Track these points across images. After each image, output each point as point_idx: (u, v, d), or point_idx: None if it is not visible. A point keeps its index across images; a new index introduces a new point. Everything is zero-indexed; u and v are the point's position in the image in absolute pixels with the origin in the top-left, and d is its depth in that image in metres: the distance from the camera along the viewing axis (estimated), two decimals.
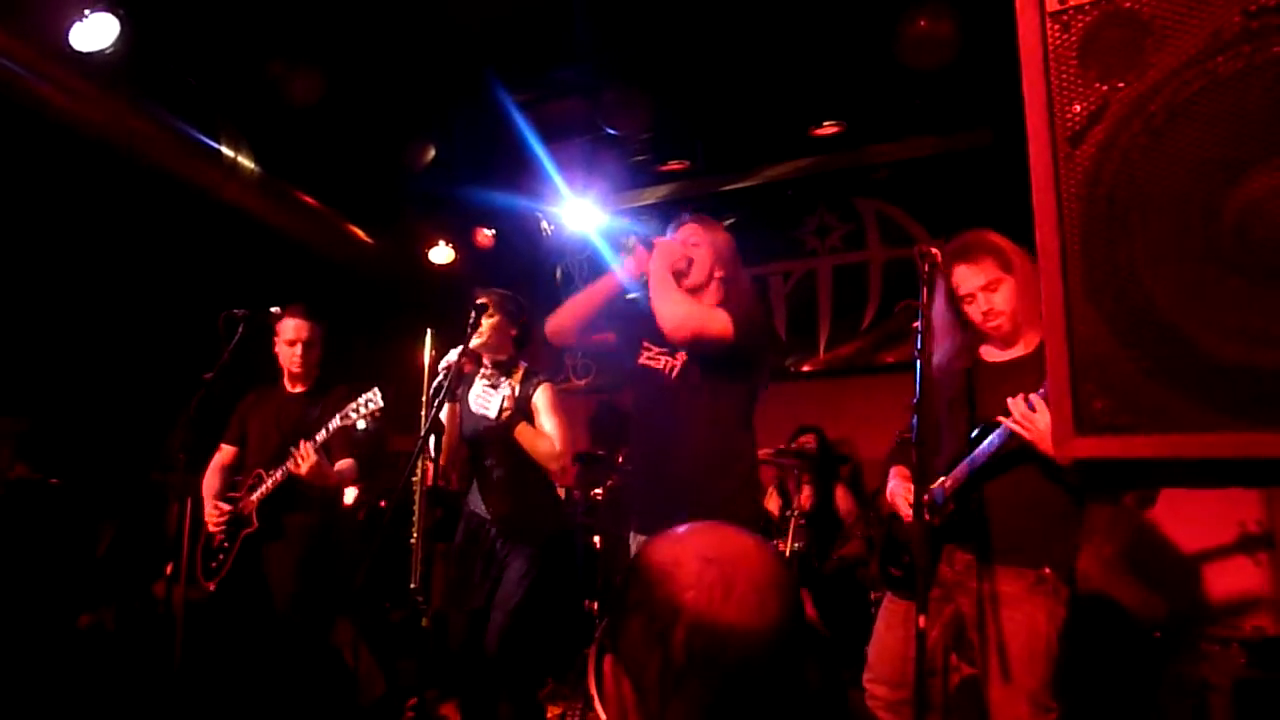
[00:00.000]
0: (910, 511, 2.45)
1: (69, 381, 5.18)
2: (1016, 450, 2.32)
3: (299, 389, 3.68)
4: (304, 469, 3.28)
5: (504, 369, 3.37)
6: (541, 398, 3.29)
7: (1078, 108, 1.02)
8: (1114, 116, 1.00)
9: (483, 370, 3.40)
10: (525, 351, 3.43)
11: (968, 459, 2.41)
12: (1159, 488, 2.30)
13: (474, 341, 3.19)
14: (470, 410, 3.37)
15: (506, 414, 3.21)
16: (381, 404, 3.28)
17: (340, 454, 3.52)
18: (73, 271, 5.10)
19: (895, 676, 2.48)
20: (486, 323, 3.25)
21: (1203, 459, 0.97)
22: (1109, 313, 1.00)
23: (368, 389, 3.32)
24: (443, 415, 3.25)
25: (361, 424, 3.34)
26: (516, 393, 3.29)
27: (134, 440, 5.42)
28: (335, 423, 3.33)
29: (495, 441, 3.28)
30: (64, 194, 4.68)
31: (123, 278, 5.30)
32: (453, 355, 3.11)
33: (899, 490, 2.61)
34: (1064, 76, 1.03)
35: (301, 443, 3.30)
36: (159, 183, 4.47)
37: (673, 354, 2.82)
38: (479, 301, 3.15)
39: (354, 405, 3.31)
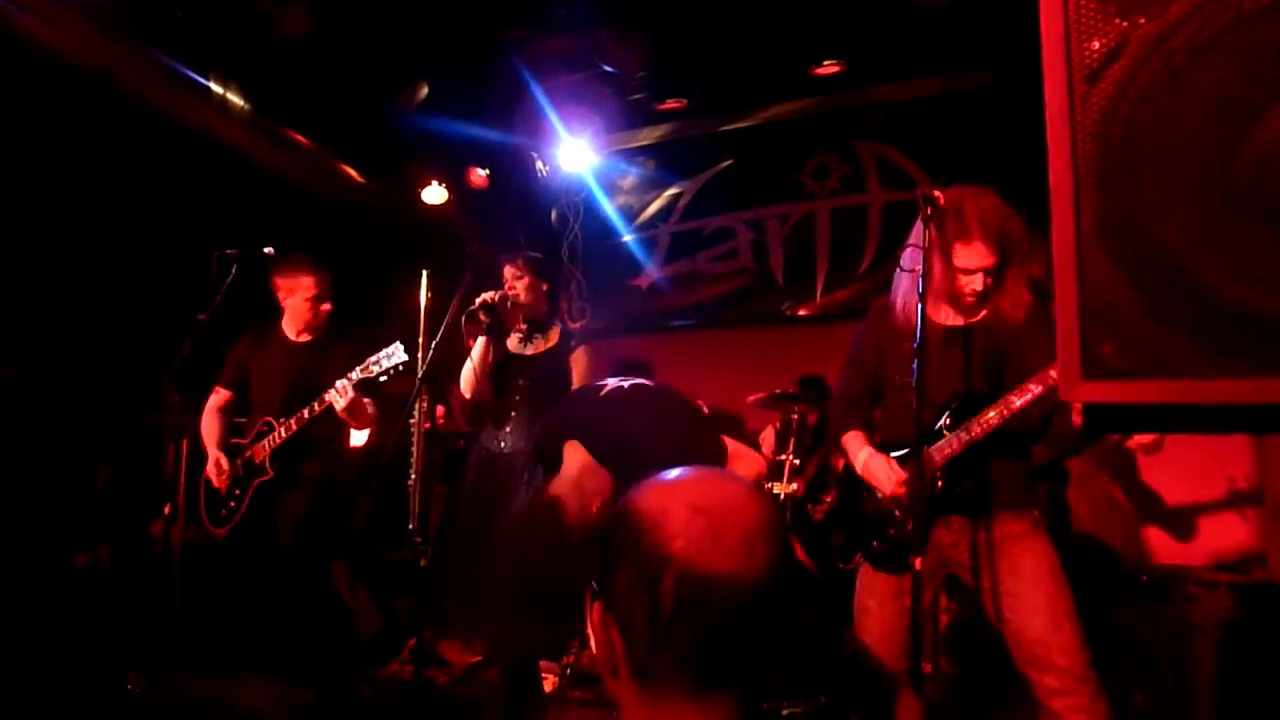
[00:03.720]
0: (890, 489, 2.49)
1: (57, 323, 5.14)
2: (1013, 422, 2.36)
3: (305, 338, 3.64)
4: (342, 404, 3.33)
5: (540, 324, 3.65)
6: (576, 362, 3.56)
7: (1096, 44, 0.98)
8: (1133, 54, 0.96)
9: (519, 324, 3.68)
10: (556, 306, 3.70)
11: (962, 434, 2.42)
12: (1163, 433, 2.30)
13: (522, 299, 3.56)
14: (506, 345, 3.65)
15: (541, 351, 3.57)
16: (406, 358, 3.32)
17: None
18: (58, 212, 5.02)
19: (898, 652, 2.49)
20: (519, 284, 3.56)
21: (1207, 405, 0.96)
22: (1120, 256, 0.98)
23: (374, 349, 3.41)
24: (477, 349, 3.56)
25: (383, 377, 3.37)
26: (553, 345, 3.60)
27: (125, 382, 5.40)
28: (357, 374, 3.35)
29: (528, 374, 3.53)
30: (48, 132, 4.57)
31: (110, 218, 5.22)
32: (488, 295, 3.40)
33: (876, 466, 2.55)
34: (1083, 11, 0.99)
35: (339, 382, 3.35)
36: (146, 120, 4.37)
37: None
38: (505, 268, 3.59)
39: (376, 358, 3.35)
